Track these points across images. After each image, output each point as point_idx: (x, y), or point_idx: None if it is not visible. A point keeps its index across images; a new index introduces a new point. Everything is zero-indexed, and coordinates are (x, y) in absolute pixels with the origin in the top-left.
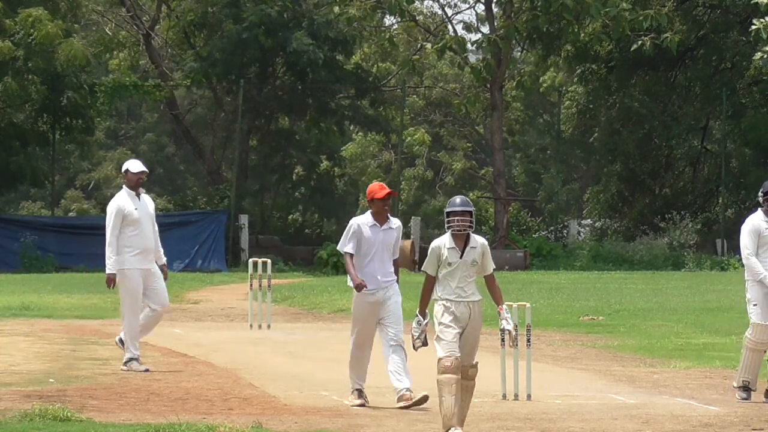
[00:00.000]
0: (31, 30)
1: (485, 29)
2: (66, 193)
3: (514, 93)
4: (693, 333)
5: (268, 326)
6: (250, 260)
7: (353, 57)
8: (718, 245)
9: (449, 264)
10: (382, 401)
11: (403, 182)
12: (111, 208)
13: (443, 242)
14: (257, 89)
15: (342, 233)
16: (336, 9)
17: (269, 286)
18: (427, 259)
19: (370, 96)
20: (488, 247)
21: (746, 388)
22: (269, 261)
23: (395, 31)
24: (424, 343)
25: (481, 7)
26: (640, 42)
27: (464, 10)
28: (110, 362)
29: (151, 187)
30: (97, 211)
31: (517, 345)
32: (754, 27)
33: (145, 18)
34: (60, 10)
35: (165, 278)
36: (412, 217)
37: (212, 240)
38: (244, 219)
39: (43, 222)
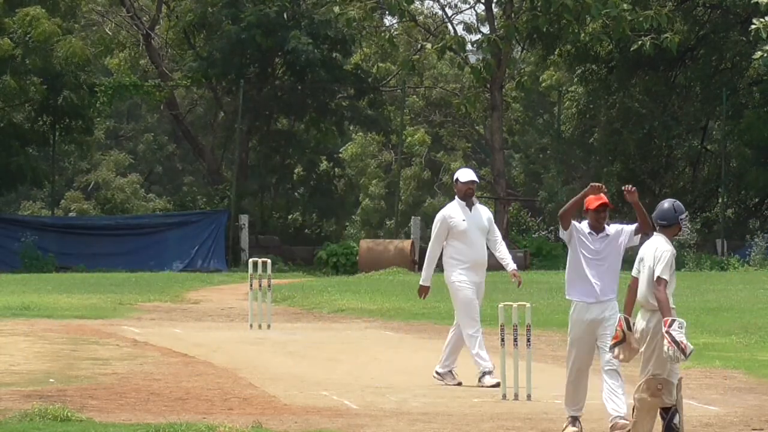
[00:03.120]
0: (29, 28)
1: (485, 29)
2: (66, 194)
3: (514, 93)
4: (693, 333)
5: (268, 326)
6: (250, 260)
7: (353, 57)
8: (718, 245)
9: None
10: (382, 401)
11: (401, 182)
12: (437, 217)
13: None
14: (257, 89)
15: (341, 232)
16: (336, 9)
17: (269, 286)
18: (669, 264)
19: (369, 96)
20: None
21: None
22: (269, 261)
23: (395, 32)
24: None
25: (481, 7)
26: (640, 42)
27: (464, 10)
28: (110, 362)
29: (150, 186)
30: (97, 211)
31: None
32: (753, 27)
33: (145, 18)
34: (59, 9)
35: (518, 284)
36: (412, 217)
37: (212, 240)
38: (244, 219)
39: (43, 222)
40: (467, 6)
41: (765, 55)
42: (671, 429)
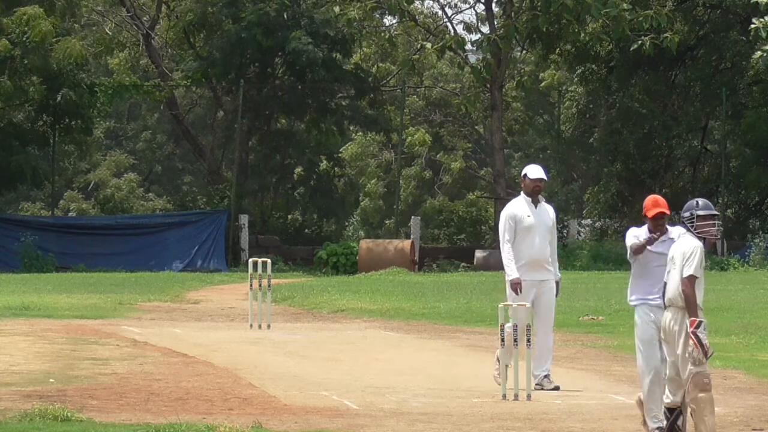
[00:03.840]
0: (26, 29)
1: (485, 29)
2: (65, 194)
3: (514, 93)
4: None
5: (268, 326)
6: (250, 260)
7: (353, 57)
8: (718, 245)
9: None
10: (382, 401)
11: (402, 182)
12: (503, 213)
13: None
14: (257, 89)
15: (341, 232)
16: (336, 9)
17: (269, 286)
18: (698, 260)
19: (369, 96)
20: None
21: None
22: (269, 261)
23: (395, 32)
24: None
25: (481, 7)
26: (640, 42)
27: (464, 10)
28: (110, 362)
29: (150, 186)
30: (96, 211)
31: None
32: (753, 27)
33: (145, 18)
34: (57, 9)
35: (556, 294)
36: (412, 217)
37: (212, 240)
38: (244, 219)
39: (43, 222)
40: (467, 6)
41: (765, 55)
42: (674, 430)
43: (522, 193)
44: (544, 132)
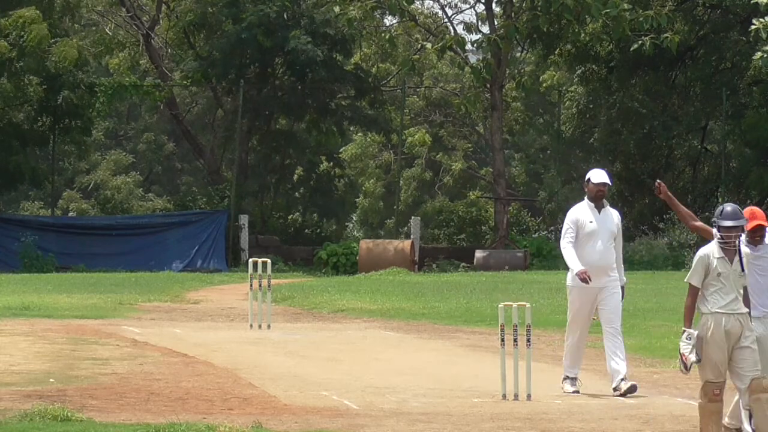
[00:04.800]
0: (22, 32)
1: (485, 29)
2: (65, 194)
3: (514, 93)
4: None
5: (268, 326)
6: (250, 260)
7: (353, 57)
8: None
9: (719, 275)
10: (382, 401)
11: (402, 182)
12: (567, 218)
13: (711, 251)
14: (257, 89)
15: (341, 232)
16: (336, 9)
17: (269, 286)
18: (692, 268)
19: (369, 96)
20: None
21: None
22: (269, 261)
23: (395, 32)
24: (698, 359)
25: (481, 7)
26: (640, 42)
27: (464, 10)
28: (110, 362)
29: (150, 186)
30: (96, 211)
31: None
32: (753, 27)
33: (145, 18)
34: (55, 10)
35: (622, 297)
36: (412, 217)
37: (212, 240)
38: (244, 219)
39: (43, 222)
40: (467, 6)
41: (765, 55)
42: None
43: (585, 198)
44: (544, 132)
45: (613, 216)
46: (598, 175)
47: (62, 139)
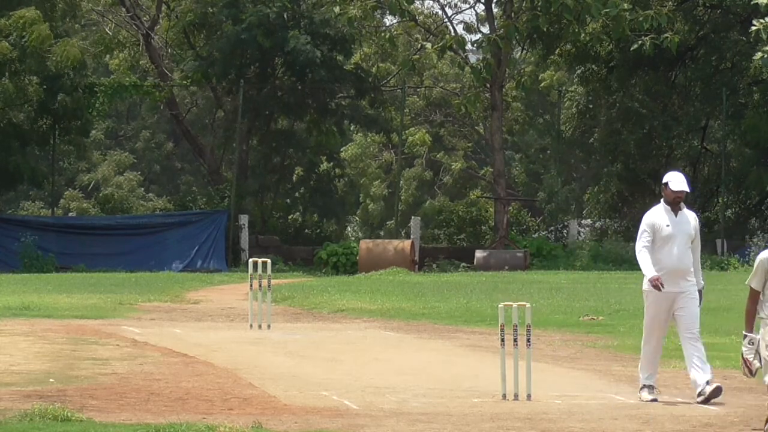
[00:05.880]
0: (23, 33)
1: (485, 29)
2: (65, 193)
3: (514, 93)
4: None
5: (268, 326)
6: (250, 260)
7: (353, 57)
8: (718, 245)
9: None
10: (382, 401)
11: (402, 182)
12: (643, 221)
13: None
14: (257, 89)
15: (341, 232)
16: (336, 9)
17: (269, 286)
18: (753, 272)
19: (369, 96)
20: None
21: None
22: (269, 261)
23: (395, 31)
24: (762, 363)
25: (481, 7)
26: (640, 42)
27: (464, 10)
28: (110, 362)
29: (149, 186)
30: (96, 211)
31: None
32: (754, 28)
33: (145, 18)
34: (56, 11)
35: (700, 301)
36: (412, 217)
37: (212, 240)
38: (244, 219)
39: (43, 222)
40: (467, 6)
41: (765, 56)
42: None
43: (662, 200)
44: (544, 132)
45: (690, 218)
46: (677, 182)
47: (62, 139)
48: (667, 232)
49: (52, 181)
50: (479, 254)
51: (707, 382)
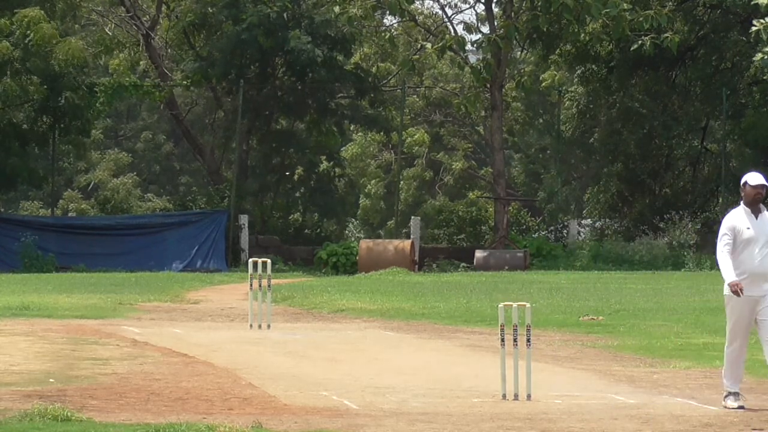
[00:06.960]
0: (27, 32)
1: (485, 29)
2: (64, 194)
3: (514, 93)
4: (693, 333)
5: (268, 326)
6: (250, 260)
7: (353, 57)
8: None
9: None
10: (382, 401)
11: (402, 182)
12: (723, 224)
13: None
14: (257, 89)
15: (341, 232)
16: (336, 9)
17: (269, 286)
18: None
19: (369, 96)
20: None
21: None
22: (269, 261)
23: (395, 31)
24: None
25: (481, 7)
26: (640, 42)
27: (464, 10)
28: (110, 362)
29: (149, 186)
30: (96, 211)
31: None
32: (754, 28)
33: (145, 18)
34: (57, 11)
35: None
36: (412, 217)
37: (212, 240)
38: (244, 219)
39: (43, 222)
40: (467, 6)
41: (765, 56)
42: None
43: (741, 203)
44: (544, 132)
45: None
46: (755, 178)
47: (62, 139)
48: (747, 234)
49: (52, 182)
50: (479, 254)
51: (732, 394)
